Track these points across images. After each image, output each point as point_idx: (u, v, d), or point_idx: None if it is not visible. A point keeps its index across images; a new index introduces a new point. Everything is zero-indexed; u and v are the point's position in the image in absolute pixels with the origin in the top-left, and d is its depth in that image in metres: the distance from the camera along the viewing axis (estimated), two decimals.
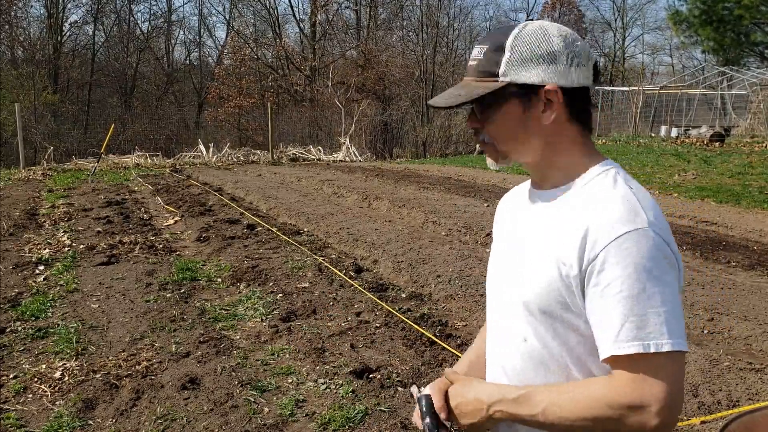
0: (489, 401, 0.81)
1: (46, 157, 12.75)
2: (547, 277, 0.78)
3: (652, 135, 15.35)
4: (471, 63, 0.84)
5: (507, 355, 0.86)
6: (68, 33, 24.04)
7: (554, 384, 0.79)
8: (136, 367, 2.68)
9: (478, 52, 0.83)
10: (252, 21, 25.59)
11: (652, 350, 0.70)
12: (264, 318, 3.34)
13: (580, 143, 0.84)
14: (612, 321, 0.72)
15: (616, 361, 0.72)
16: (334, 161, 14.07)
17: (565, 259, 0.76)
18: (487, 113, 0.82)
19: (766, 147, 11.49)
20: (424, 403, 0.87)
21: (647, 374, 0.70)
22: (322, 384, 2.56)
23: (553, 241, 0.79)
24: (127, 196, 7.95)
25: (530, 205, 0.87)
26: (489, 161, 0.87)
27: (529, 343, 0.82)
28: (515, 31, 0.81)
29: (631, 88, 18.04)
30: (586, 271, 0.74)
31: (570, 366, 0.79)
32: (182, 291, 3.81)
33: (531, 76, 0.79)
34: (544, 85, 0.79)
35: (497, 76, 0.80)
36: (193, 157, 13.87)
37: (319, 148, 15.18)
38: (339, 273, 4.12)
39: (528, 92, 0.80)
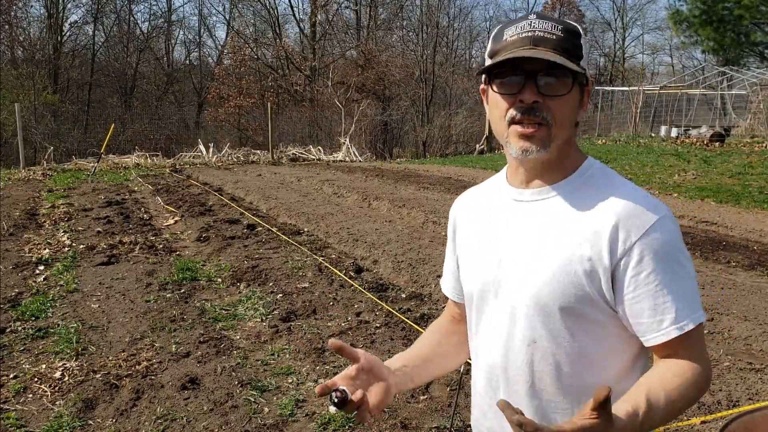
0: None
1: (46, 157, 12.75)
2: (566, 272, 0.77)
3: (652, 135, 15.35)
4: (543, 35, 0.77)
5: (510, 360, 0.82)
6: (68, 33, 24.06)
7: (633, 391, 0.74)
8: (136, 367, 2.68)
9: (550, 27, 0.78)
10: (252, 21, 25.61)
11: (700, 322, 0.77)
12: (264, 318, 3.34)
13: (575, 139, 0.86)
14: (667, 304, 0.75)
15: (679, 341, 0.76)
16: (334, 161, 14.07)
17: (591, 253, 0.76)
18: (556, 90, 0.77)
19: (766, 147, 11.48)
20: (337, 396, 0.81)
21: (700, 343, 0.78)
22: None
23: (571, 237, 0.78)
24: (127, 196, 7.95)
25: (525, 203, 0.83)
26: (527, 146, 0.77)
27: (539, 345, 0.80)
28: (574, 24, 0.82)
29: (631, 88, 18.03)
30: (620, 262, 0.76)
31: (579, 366, 0.79)
32: (182, 291, 3.81)
33: (587, 71, 0.81)
34: (591, 81, 0.82)
35: (579, 59, 0.79)
36: (193, 157, 13.87)
37: (319, 148, 15.18)
38: (339, 273, 4.12)
39: (584, 84, 0.81)
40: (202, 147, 14.29)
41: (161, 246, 5.04)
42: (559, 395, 0.81)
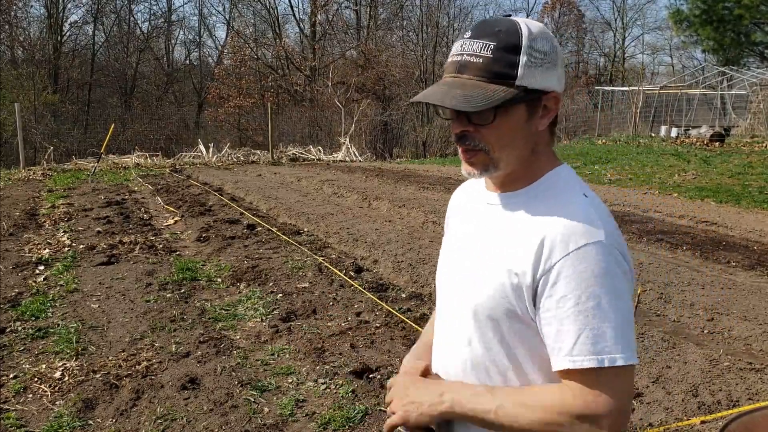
0: (445, 388, 0.80)
1: (46, 157, 12.75)
2: (497, 284, 0.77)
3: (652, 135, 15.35)
4: (469, 59, 0.75)
5: (450, 355, 0.85)
6: (68, 33, 24.05)
7: (507, 387, 0.79)
8: (136, 367, 2.68)
9: (479, 47, 0.75)
10: (252, 21, 25.60)
11: (606, 365, 0.70)
12: (264, 318, 3.34)
13: (549, 147, 0.83)
14: (567, 334, 0.72)
15: (570, 373, 0.72)
16: (334, 161, 14.07)
17: (518, 268, 0.75)
18: (487, 117, 0.75)
19: (766, 147, 11.48)
20: None
21: (599, 386, 0.71)
22: (322, 384, 2.56)
23: (507, 249, 0.77)
24: (127, 196, 7.95)
25: (487, 206, 0.84)
26: (470, 170, 0.79)
27: (473, 347, 0.81)
28: (524, 31, 0.75)
29: (631, 88, 18.03)
30: (539, 281, 0.74)
31: (510, 374, 0.79)
32: (182, 291, 3.81)
33: (541, 81, 0.76)
34: (550, 92, 0.77)
35: (513, 79, 0.74)
36: (193, 157, 13.86)
37: (319, 148, 15.18)
38: (339, 273, 4.12)
39: (534, 98, 0.77)
40: (202, 147, 14.29)
41: (161, 246, 5.04)
42: None
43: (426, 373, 0.89)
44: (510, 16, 0.79)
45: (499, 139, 0.77)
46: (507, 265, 0.77)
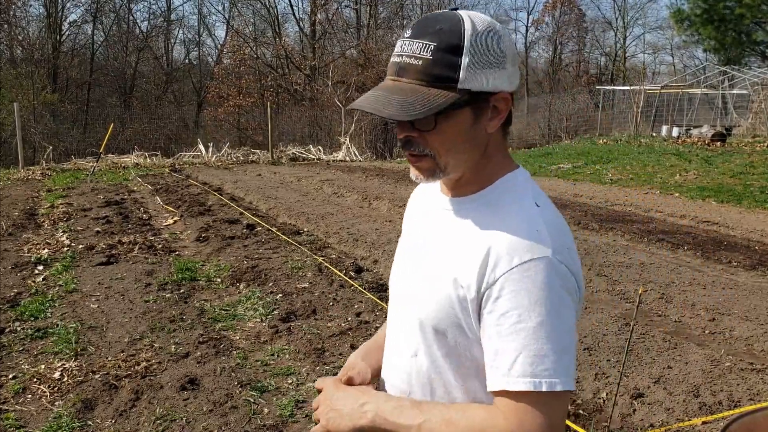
0: (367, 399, 0.77)
1: (45, 156, 12.73)
2: (444, 295, 0.74)
3: (654, 134, 15.33)
4: (409, 61, 0.70)
5: (396, 366, 0.83)
6: (67, 32, 24.02)
7: (436, 402, 0.76)
8: (136, 367, 2.67)
9: (419, 48, 0.70)
10: (251, 20, 25.58)
11: (544, 389, 0.67)
12: (264, 318, 3.33)
13: (503, 149, 0.78)
14: (506, 353, 0.68)
15: (505, 394, 0.69)
16: (334, 161, 14.06)
17: (464, 280, 0.72)
18: (429, 123, 0.71)
19: (767, 147, 11.47)
20: None
21: (532, 410, 0.67)
22: None
23: (455, 258, 0.74)
24: (126, 196, 7.94)
25: (439, 211, 0.80)
26: (417, 174, 0.75)
27: (419, 359, 0.78)
28: (467, 29, 0.70)
29: (632, 87, 18.01)
30: (483, 295, 0.70)
31: (454, 388, 0.76)
32: (181, 291, 3.80)
33: (487, 82, 0.71)
34: (497, 92, 0.72)
35: (454, 82, 0.69)
36: (193, 157, 13.85)
37: (319, 147, 15.16)
38: (339, 273, 4.11)
39: (480, 100, 0.72)
40: (201, 146, 14.27)
41: (160, 246, 5.03)
42: None
43: (350, 381, 0.85)
44: (456, 9, 0.74)
45: (443, 144, 0.72)
46: (453, 276, 0.73)
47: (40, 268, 4.36)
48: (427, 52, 0.70)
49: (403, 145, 0.74)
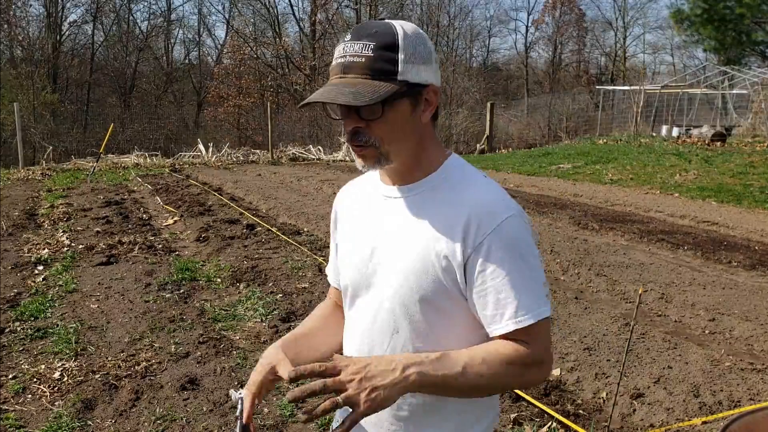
0: (405, 362, 0.77)
1: (45, 156, 12.74)
2: (426, 270, 0.82)
3: (653, 134, 15.33)
4: (353, 59, 0.80)
5: (376, 347, 0.87)
6: (67, 32, 24.01)
7: (458, 350, 0.82)
8: (136, 367, 2.67)
9: (360, 48, 0.80)
10: (252, 20, 25.57)
11: (541, 319, 0.81)
12: (264, 318, 3.33)
13: (435, 138, 0.89)
14: (507, 300, 0.80)
15: (514, 333, 0.81)
16: (334, 161, 14.06)
17: (446, 250, 0.81)
18: (377, 111, 0.80)
19: (767, 147, 11.47)
20: (240, 405, 0.91)
21: (538, 339, 0.82)
22: None
23: (431, 234, 0.83)
24: (126, 196, 7.94)
25: (392, 200, 0.88)
26: (362, 163, 0.84)
27: (401, 334, 0.85)
28: (398, 30, 0.81)
29: (632, 87, 18.00)
30: (469, 258, 0.80)
31: (440, 344, 0.83)
32: (181, 291, 3.80)
33: (420, 76, 0.81)
34: (429, 85, 0.82)
35: (394, 75, 0.80)
36: (193, 157, 13.85)
37: (319, 147, 15.16)
38: None
39: (416, 92, 0.82)
40: (201, 147, 14.27)
41: (160, 246, 5.03)
42: None
43: (274, 372, 0.90)
44: (384, 19, 0.85)
45: (388, 133, 0.81)
46: (433, 250, 0.82)
47: (40, 268, 4.36)
48: (368, 50, 0.80)
49: (351, 137, 0.82)
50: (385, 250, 0.86)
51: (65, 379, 2.57)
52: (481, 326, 0.84)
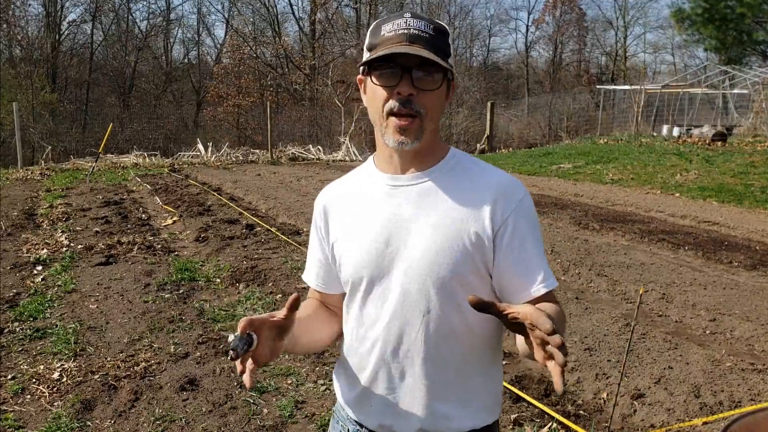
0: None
1: (44, 156, 12.73)
2: (458, 246, 0.87)
3: (654, 134, 15.32)
4: (417, 32, 0.84)
5: (405, 331, 0.89)
6: (66, 32, 24.00)
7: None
8: (135, 368, 2.66)
9: (423, 25, 0.85)
10: (251, 19, 25.56)
11: (555, 284, 0.91)
12: None
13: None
14: (536, 267, 0.88)
15: (546, 296, 0.88)
16: (333, 161, 14.04)
17: (476, 227, 0.87)
18: (438, 81, 0.85)
19: None
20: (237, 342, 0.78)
21: (556, 301, 0.91)
22: (322, 385, 2.54)
23: (458, 214, 0.87)
24: (125, 196, 7.93)
25: (403, 188, 0.90)
26: (402, 138, 0.85)
27: (432, 315, 0.88)
28: (444, 24, 0.89)
29: (632, 87, 17.99)
30: (497, 233, 0.88)
31: (472, 326, 0.89)
32: (181, 291, 3.79)
33: (453, 68, 0.89)
34: (452, 80, 0.90)
35: (447, 57, 0.86)
36: (192, 157, 13.83)
37: (319, 147, 15.14)
38: None
39: (449, 81, 0.89)
40: (200, 146, 14.26)
41: (160, 246, 5.02)
42: (451, 359, 0.90)
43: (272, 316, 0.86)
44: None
45: (432, 108, 0.86)
46: (464, 229, 0.87)
47: (39, 268, 4.35)
48: (430, 29, 0.86)
49: (403, 104, 0.84)
50: (403, 236, 0.88)
51: (64, 379, 2.56)
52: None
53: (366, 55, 0.88)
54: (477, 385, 0.92)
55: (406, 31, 0.84)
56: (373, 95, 0.87)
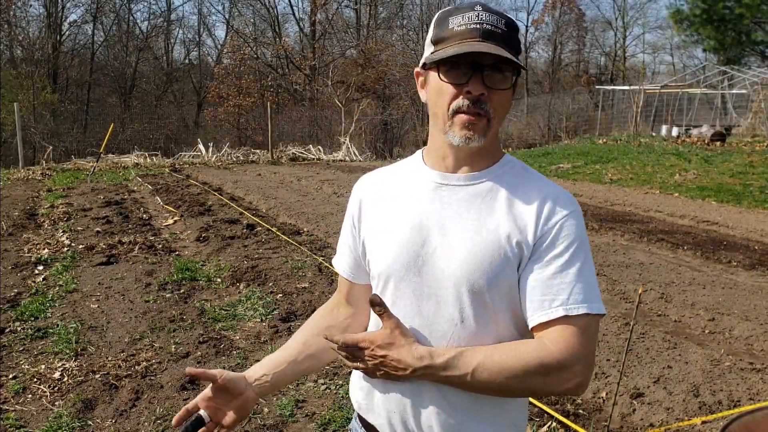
0: (414, 366, 0.80)
1: (45, 156, 12.73)
2: (499, 253, 0.81)
3: (653, 134, 15.33)
4: (490, 28, 0.79)
5: (435, 338, 0.84)
6: (67, 32, 24.00)
7: (484, 346, 0.81)
8: (136, 367, 2.67)
9: (495, 20, 0.80)
10: (251, 20, 25.57)
11: (594, 312, 0.79)
12: (264, 318, 3.33)
13: None
14: (562, 285, 0.79)
15: (556, 322, 0.78)
16: (333, 161, 14.06)
17: (518, 234, 0.81)
18: (500, 84, 0.80)
19: (767, 146, 11.47)
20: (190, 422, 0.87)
21: (580, 333, 0.78)
22: (322, 384, 2.55)
23: (501, 219, 0.82)
24: (126, 196, 7.94)
25: (450, 187, 0.85)
26: (469, 134, 0.80)
27: (466, 324, 0.82)
28: (513, 18, 0.84)
29: (631, 87, 18.00)
30: (539, 239, 0.81)
31: (503, 339, 0.83)
32: (182, 291, 3.80)
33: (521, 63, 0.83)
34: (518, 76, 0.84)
35: (518, 54, 0.81)
36: (193, 157, 13.85)
37: (319, 147, 15.15)
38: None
39: (516, 79, 0.84)
40: (201, 146, 14.27)
41: (160, 246, 5.03)
42: None
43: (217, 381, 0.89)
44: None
45: (500, 107, 0.82)
46: (505, 233, 0.81)
47: (40, 268, 4.36)
48: (502, 24, 0.80)
49: (473, 103, 0.80)
50: (442, 238, 0.83)
51: (65, 379, 2.57)
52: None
53: (431, 49, 0.82)
54: (506, 400, 0.85)
55: (478, 26, 0.78)
56: (439, 92, 0.81)
